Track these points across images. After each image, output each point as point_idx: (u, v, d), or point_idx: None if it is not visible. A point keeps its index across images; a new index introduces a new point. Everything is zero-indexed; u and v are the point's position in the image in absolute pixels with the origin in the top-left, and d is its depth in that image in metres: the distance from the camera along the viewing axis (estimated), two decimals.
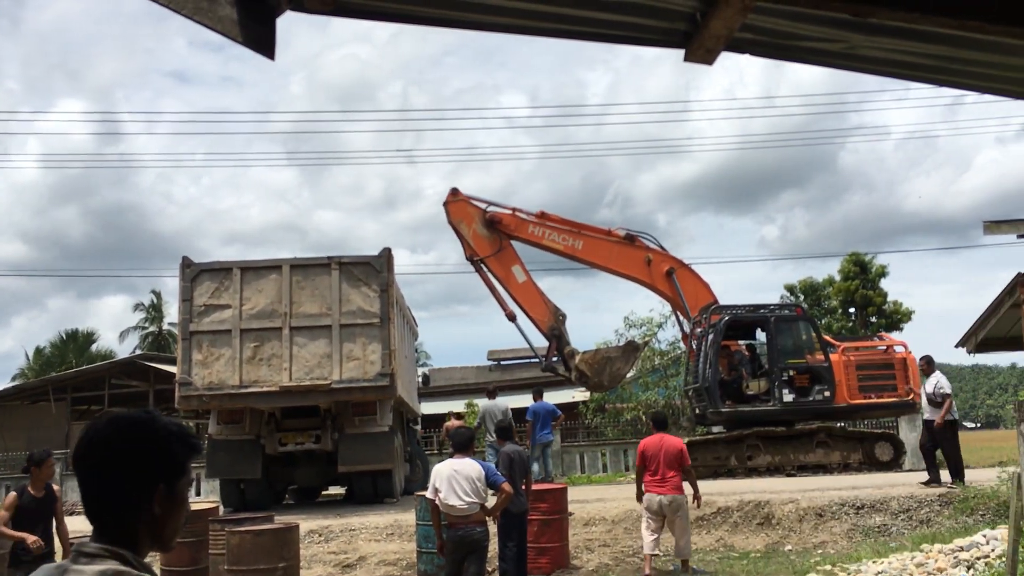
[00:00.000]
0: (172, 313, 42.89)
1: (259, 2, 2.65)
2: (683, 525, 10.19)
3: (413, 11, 2.80)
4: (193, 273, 14.96)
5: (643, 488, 10.21)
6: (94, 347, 45.93)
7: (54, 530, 7.83)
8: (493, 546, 9.31)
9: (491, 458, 14.33)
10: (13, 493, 7.73)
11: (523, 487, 9.59)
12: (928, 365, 14.44)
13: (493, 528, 9.09)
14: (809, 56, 3.05)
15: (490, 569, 10.32)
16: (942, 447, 13.96)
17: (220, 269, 15.10)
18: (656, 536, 10.23)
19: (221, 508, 14.47)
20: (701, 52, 2.78)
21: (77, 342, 45.41)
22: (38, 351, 45.90)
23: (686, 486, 10.23)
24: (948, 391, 13.80)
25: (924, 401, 14.15)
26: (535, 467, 16.24)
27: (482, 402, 18.68)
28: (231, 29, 2.62)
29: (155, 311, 47.43)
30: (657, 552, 10.37)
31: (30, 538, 7.36)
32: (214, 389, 14.61)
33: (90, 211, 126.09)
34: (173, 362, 20.19)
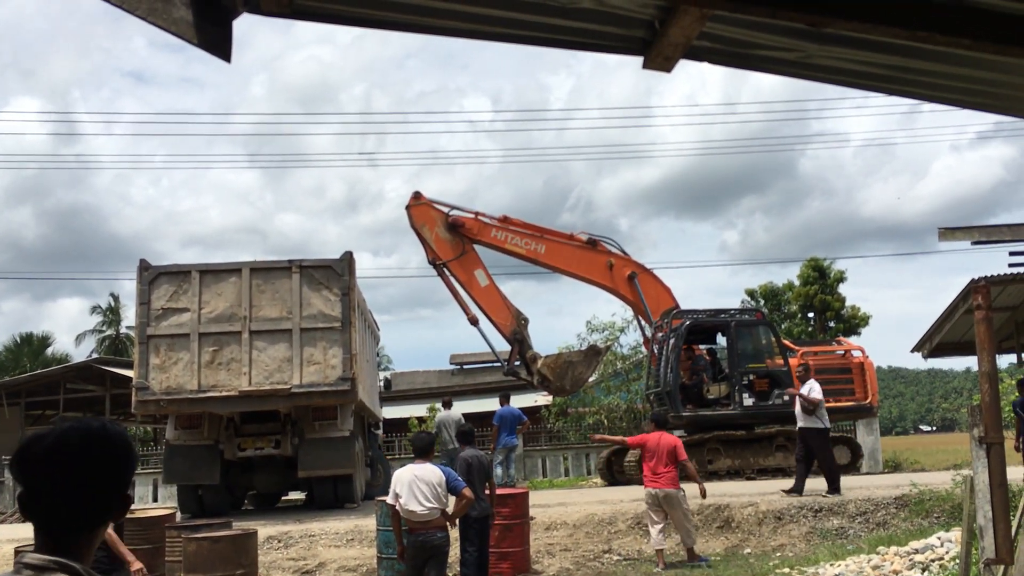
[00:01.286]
0: (129, 316, 42.37)
1: (214, 4, 2.62)
2: (680, 517, 10.94)
3: (371, 15, 2.79)
4: (151, 276, 14.76)
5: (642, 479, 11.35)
6: (49, 351, 45.15)
7: None
8: (454, 551, 9.28)
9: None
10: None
11: (485, 492, 9.59)
12: (805, 372, 14.51)
13: (454, 533, 9.07)
14: (766, 65, 3.08)
15: (450, 574, 10.29)
16: (816, 456, 13.96)
17: (178, 272, 14.91)
18: (661, 528, 10.95)
19: (178, 514, 14.27)
20: (660, 60, 2.80)
21: (32, 345, 44.60)
22: None
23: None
24: (819, 397, 13.87)
25: (798, 409, 14.17)
26: (498, 471, 16.25)
27: (440, 413, 18.82)
28: (186, 31, 2.60)
29: (112, 314, 46.78)
30: (664, 546, 10.97)
31: None
32: (172, 394, 14.42)
33: (45, 212, 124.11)
34: (130, 366, 19.91)
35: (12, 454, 1.77)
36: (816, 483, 13.88)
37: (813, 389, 13.82)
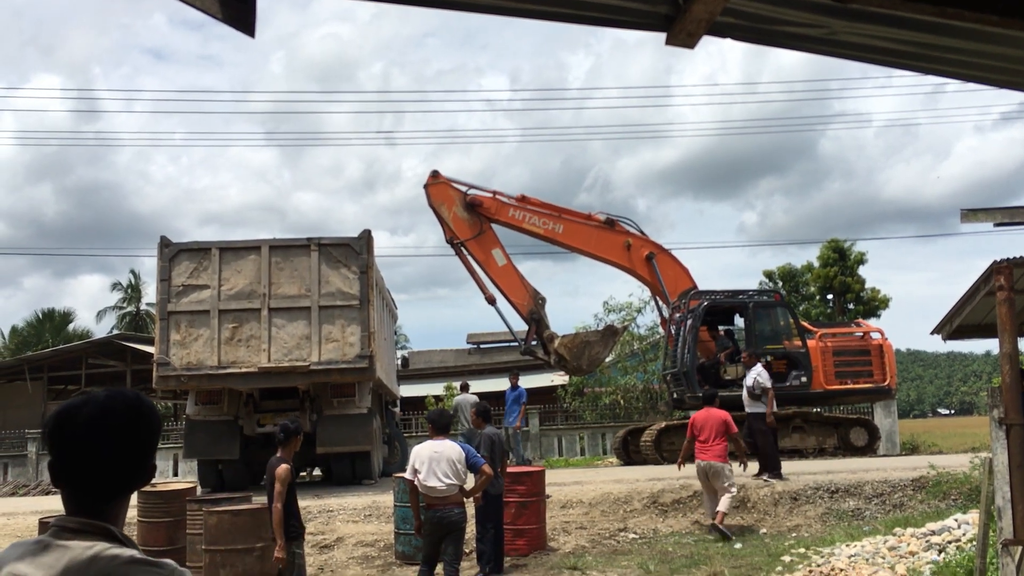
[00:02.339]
0: (150, 293, 42.71)
1: None
2: (721, 488, 11.50)
3: None
4: (171, 253, 14.86)
5: (692, 455, 11.80)
6: (71, 327, 45.63)
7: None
8: (470, 527, 9.36)
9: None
10: (286, 465, 7.50)
11: (499, 469, 9.69)
12: (750, 357, 14.49)
13: (470, 509, 9.13)
14: (790, 41, 3.06)
15: (467, 551, 10.37)
16: (756, 440, 13.92)
17: (199, 249, 15.00)
18: (714, 499, 11.59)
19: (199, 488, 14.43)
20: (683, 36, 2.78)
21: (54, 321, 45.04)
22: (14, 330, 45.52)
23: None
24: (768, 384, 13.83)
25: (744, 393, 14.17)
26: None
27: (457, 396, 19.19)
28: (210, 6, 2.60)
29: (133, 291, 47.10)
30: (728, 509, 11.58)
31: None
32: (192, 370, 14.54)
33: (66, 189, 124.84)
34: (151, 342, 20.06)
35: (48, 422, 1.79)
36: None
37: (762, 376, 13.85)
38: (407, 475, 8.25)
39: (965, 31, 2.83)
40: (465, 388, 18.92)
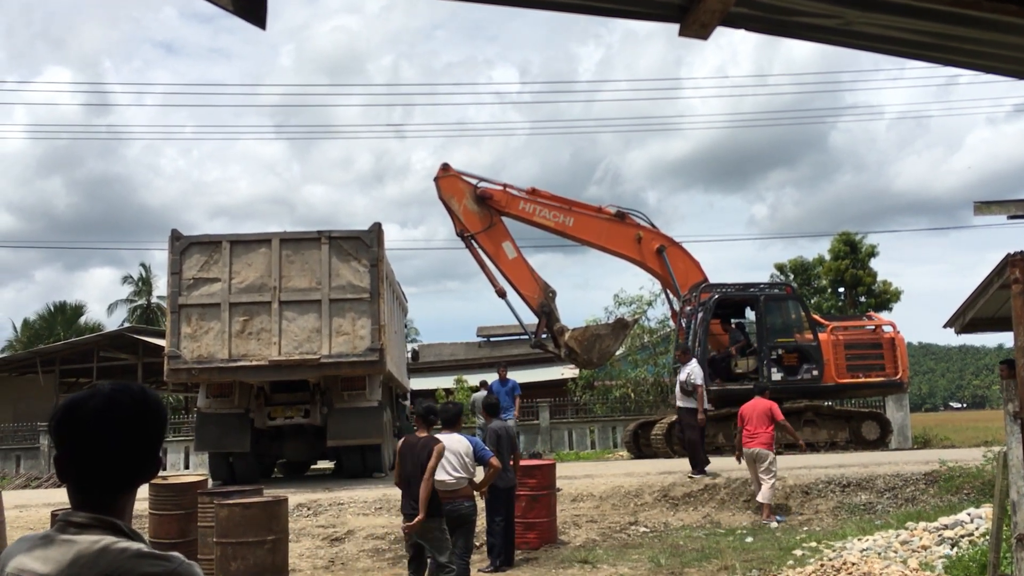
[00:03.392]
0: (161, 286, 42.82)
1: None
2: (765, 474, 11.95)
3: None
4: (182, 246, 14.88)
5: (740, 444, 12.29)
6: (82, 319, 45.79)
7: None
8: (481, 520, 9.36)
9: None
10: (441, 444, 7.61)
11: (510, 462, 9.67)
12: (683, 354, 14.44)
13: (481, 503, 9.14)
14: (804, 32, 3.03)
15: (477, 544, 10.37)
16: (683, 434, 13.90)
17: (209, 242, 15.02)
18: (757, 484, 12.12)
19: (210, 481, 14.48)
20: (696, 27, 2.75)
21: (65, 314, 45.24)
22: (26, 323, 45.75)
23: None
24: (700, 381, 13.77)
25: (677, 390, 14.13)
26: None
27: (474, 394, 19.55)
28: None
29: (144, 284, 47.24)
30: (770, 501, 12.06)
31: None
32: (203, 362, 14.58)
33: (77, 182, 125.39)
34: (162, 335, 20.16)
35: (53, 416, 1.79)
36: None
37: (694, 373, 13.81)
38: None
39: (982, 21, 2.79)
40: (484, 386, 19.03)
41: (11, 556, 1.72)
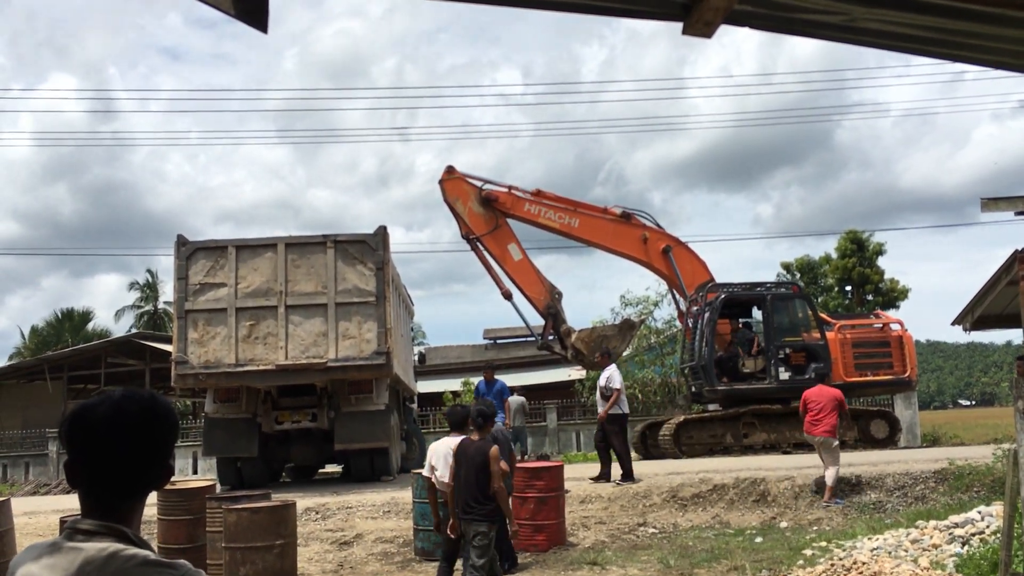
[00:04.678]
0: (167, 292, 42.94)
1: None
2: (830, 460, 12.32)
3: None
4: (188, 251, 14.91)
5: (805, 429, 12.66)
6: (90, 326, 45.92)
7: None
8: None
9: None
10: (496, 447, 7.65)
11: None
12: (603, 357, 14.28)
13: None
14: (809, 29, 3.01)
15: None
16: (610, 442, 13.77)
17: (215, 247, 15.05)
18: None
19: (218, 486, 14.48)
20: (700, 25, 2.74)
21: (73, 321, 45.38)
22: (34, 330, 45.88)
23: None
24: (617, 385, 13.63)
25: (598, 395, 14.01)
26: None
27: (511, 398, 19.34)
28: (223, 2, 2.58)
29: (150, 290, 47.35)
30: (832, 483, 12.32)
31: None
32: (210, 368, 14.60)
33: (82, 189, 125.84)
34: (169, 341, 20.18)
35: (63, 422, 1.78)
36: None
37: (613, 377, 13.69)
38: (424, 472, 8.24)
39: (987, 15, 2.78)
40: (511, 392, 18.90)
41: (19, 564, 1.72)
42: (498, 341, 38.08)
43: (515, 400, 18.98)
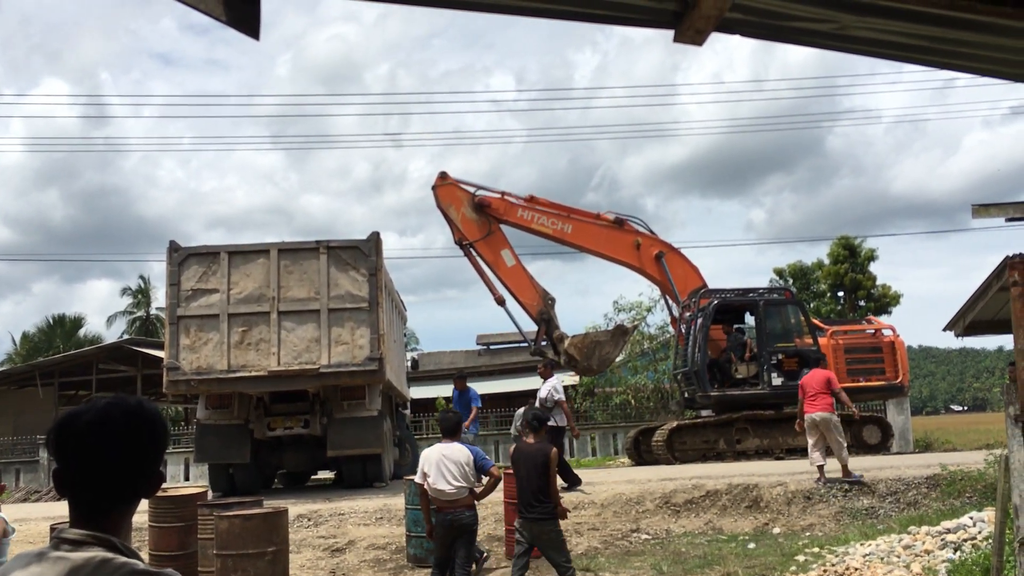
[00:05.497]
0: (160, 298, 42.76)
1: None
2: (835, 438, 12.72)
3: None
4: (180, 257, 14.87)
5: (802, 412, 12.96)
6: (81, 332, 45.74)
7: None
8: (482, 529, 9.33)
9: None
10: (556, 448, 8.00)
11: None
12: (546, 368, 14.13)
13: (482, 512, 9.11)
14: (799, 37, 3.02)
15: (486, 553, 10.34)
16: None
17: (208, 253, 15.01)
18: (819, 449, 12.84)
19: (210, 493, 14.44)
20: (691, 33, 2.75)
21: (64, 327, 45.20)
22: (25, 336, 45.69)
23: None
24: (560, 397, 13.61)
25: (537, 404, 13.94)
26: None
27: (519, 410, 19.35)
28: (215, 9, 2.58)
29: (142, 296, 47.20)
30: (822, 463, 12.83)
31: None
32: (202, 374, 14.55)
33: (74, 194, 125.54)
34: (161, 347, 20.11)
35: (50, 430, 1.78)
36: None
37: (555, 389, 13.64)
38: (417, 478, 8.23)
39: (977, 24, 2.79)
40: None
41: (6, 573, 1.71)
42: (491, 347, 38.06)
43: (520, 415, 18.83)
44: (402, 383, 20.08)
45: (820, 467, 12.79)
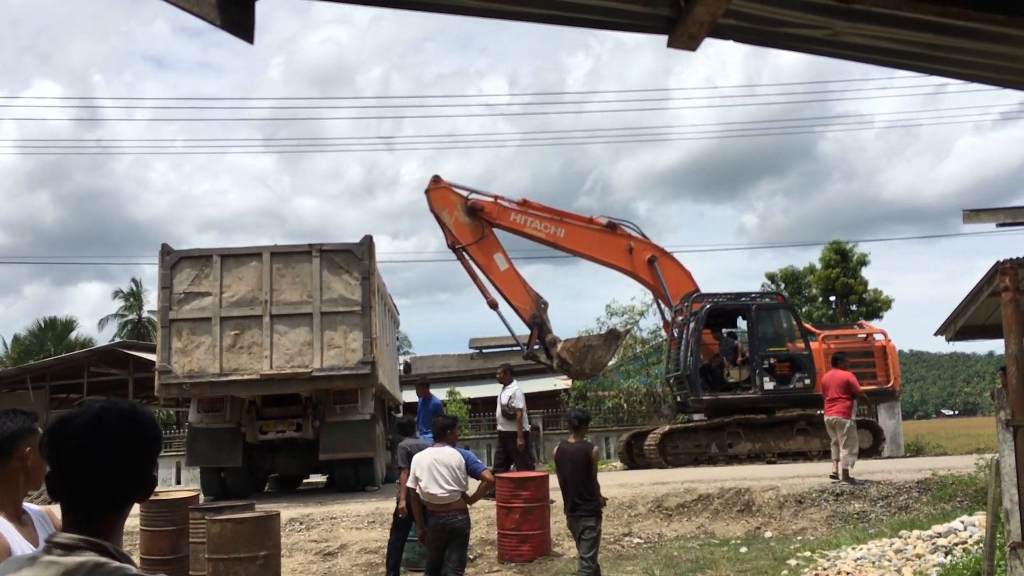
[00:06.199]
0: (152, 301, 42.65)
1: None
2: (842, 440, 12.83)
3: None
4: (173, 260, 14.84)
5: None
6: (73, 335, 45.53)
7: None
8: (475, 533, 9.32)
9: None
10: (597, 449, 8.59)
11: None
12: (505, 374, 14.14)
13: (475, 516, 9.10)
14: (792, 43, 3.03)
15: (471, 556, 10.34)
16: (512, 459, 13.79)
17: (200, 256, 14.98)
18: (837, 447, 12.99)
19: (201, 496, 14.41)
20: (684, 38, 2.76)
21: (56, 330, 44.98)
22: (16, 339, 45.44)
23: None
24: (520, 405, 13.67)
25: (498, 412, 14.04)
26: None
27: None
28: (209, 12, 2.58)
29: (134, 299, 47.06)
30: (839, 458, 12.94)
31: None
32: (194, 377, 14.51)
33: (66, 197, 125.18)
34: (153, 350, 20.03)
35: (43, 434, 1.78)
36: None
37: (515, 396, 13.69)
38: (409, 483, 8.22)
39: (969, 31, 2.80)
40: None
41: None
42: (484, 350, 38.02)
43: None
44: (395, 386, 20.06)
45: (836, 461, 13.00)
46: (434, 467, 7.94)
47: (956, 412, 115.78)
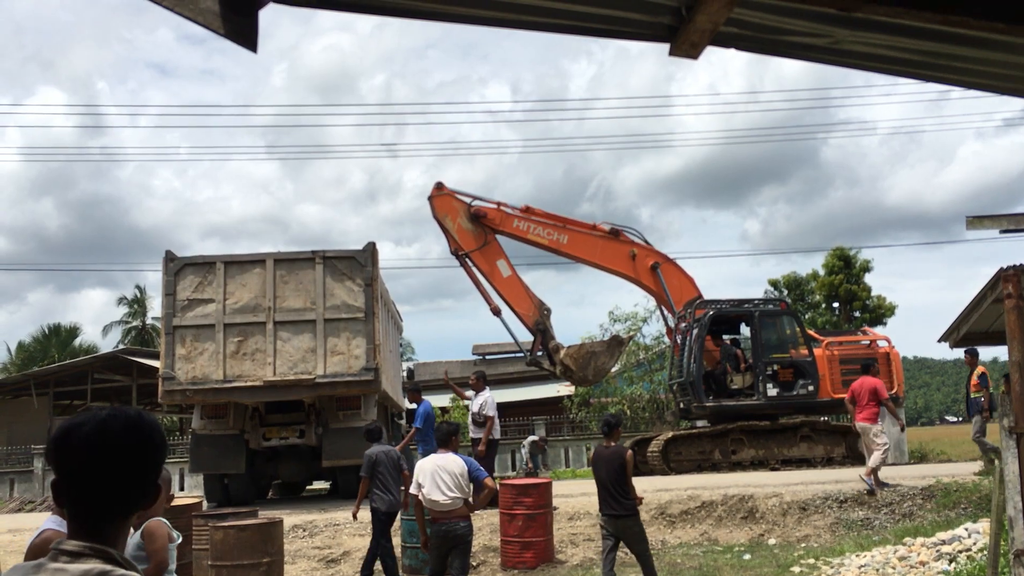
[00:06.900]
0: (155, 307, 42.73)
1: None
2: (869, 444, 13.04)
3: (396, 4, 2.77)
4: (176, 267, 14.87)
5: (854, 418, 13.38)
6: (77, 341, 45.59)
7: None
8: (477, 540, 9.31)
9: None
10: (631, 451, 8.90)
11: (400, 488, 9.87)
12: (478, 381, 13.88)
13: (478, 523, 9.10)
14: (794, 51, 3.04)
15: (474, 563, 10.33)
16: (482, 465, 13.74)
17: (203, 263, 15.01)
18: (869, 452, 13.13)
19: (205, 503, 14.40)
20: (686, 46, 2.77)
21: (60, 336, 45.04)
22: (20, 345, 45.50)
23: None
24: (491, 413, 13.54)
25: (470, 419, 13.92)
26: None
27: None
28: (213, 21, 2.59)
29: (138, 305, 47.11)
30: (876, 465, 12.86)
31: None
32: (198, 384, 14.53)
33: (70, 204, 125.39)
34: (156, 356, 20.08)
35: (49, 440, 1.77)
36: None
37: (487, 404, 13.57)
38: (412, 489, 8.22)
39: (970, 39, 2.81)
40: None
41: None
42: (487, 357, 38.03)
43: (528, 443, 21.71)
44: (397, 393, 20.06)
45: (871, 470, 12.92)
46: (437, 473, 7.93)
47: (960, 419, 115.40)
